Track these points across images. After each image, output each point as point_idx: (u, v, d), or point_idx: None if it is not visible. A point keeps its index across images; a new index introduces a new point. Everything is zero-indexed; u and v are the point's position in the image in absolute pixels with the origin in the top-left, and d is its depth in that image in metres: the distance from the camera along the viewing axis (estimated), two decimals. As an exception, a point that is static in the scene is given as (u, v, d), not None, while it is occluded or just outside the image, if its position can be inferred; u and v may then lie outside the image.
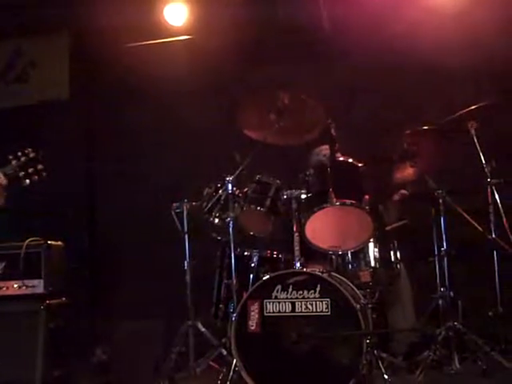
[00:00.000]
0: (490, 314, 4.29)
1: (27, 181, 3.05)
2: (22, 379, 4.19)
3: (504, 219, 4.18)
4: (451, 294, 4.38)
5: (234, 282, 4.37)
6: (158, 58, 5.84)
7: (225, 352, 4.37)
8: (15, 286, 4.41)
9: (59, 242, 4.59)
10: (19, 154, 3.06)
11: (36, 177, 3.08)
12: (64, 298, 4.53)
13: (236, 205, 4.46)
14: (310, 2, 5.50)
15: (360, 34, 5.28)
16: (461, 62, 5.14)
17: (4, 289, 4.40)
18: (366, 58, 5.30)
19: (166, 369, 4.38)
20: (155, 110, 5.84)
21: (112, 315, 5.55)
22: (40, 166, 3.05)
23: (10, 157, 3.09)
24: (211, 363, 4.47)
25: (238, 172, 4.48)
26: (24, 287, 4.40)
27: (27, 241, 4.40)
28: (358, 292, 4.21)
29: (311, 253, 4.39)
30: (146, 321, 5.15)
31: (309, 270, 4.09)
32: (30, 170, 3.02)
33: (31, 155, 3.05)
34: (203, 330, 4.53)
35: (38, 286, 4.40)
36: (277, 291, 3.97)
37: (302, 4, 5.53)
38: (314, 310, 3.91)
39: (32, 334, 4.29)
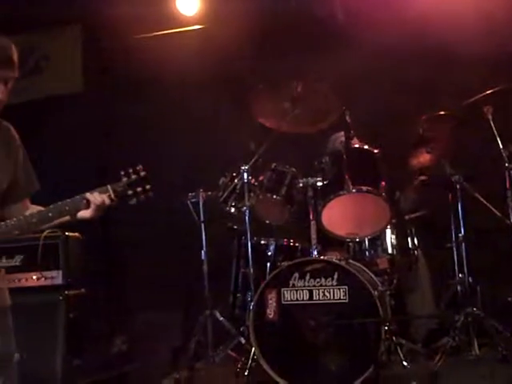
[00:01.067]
0: (510, 299, 4.26)
1: (134, 200, 3.05)
2: (43, 369, 4.21)
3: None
4: (470, 279, 4.37)
5: (251, 270, 4.38)
6: (170, 48, 5.82)
7: (243, 341, 4.38)
8: (34, 277, 4.43)
9: (77, 234, 4.61)
10: (130, 171, 3.06)
11: (143, 196, 3.08)
12: (83, 289, 4.56)
13: (252, 194, 4.46)
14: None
15: (373, 22, 5.23)
16: (476, 46, 5.06)
17: (23, 280, 4.43)
18: (380, 45, 5.25)
19: (185, 358, 4.40)
20: (169, 101, 5.82)
21: (130, 306, 5.59)
22: (148, 186, 3.05)
23: (122, 173, 3.10)
24: (230, 352, 4.48)
25: (253, 161, 4.48)
26: (43, 278, 4.43)
27: (45, 232, 4.42)
28: (375, 279, 4.21)
29: (328, 240, 4.39)
30: (164, 311, 5.19)
31: (326, 258, 4.09)
32: (139, 189, 3.03)
33: (142, 174, 3.05)
34: (221, 319, 4.55)
35: (56, 277, 4.43)
36: (294, 279, 3.98)
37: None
38: (332, 297, 3.91)
39: (52, 324, 4.32)
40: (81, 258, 4.63)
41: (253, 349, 4.02)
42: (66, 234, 4.49)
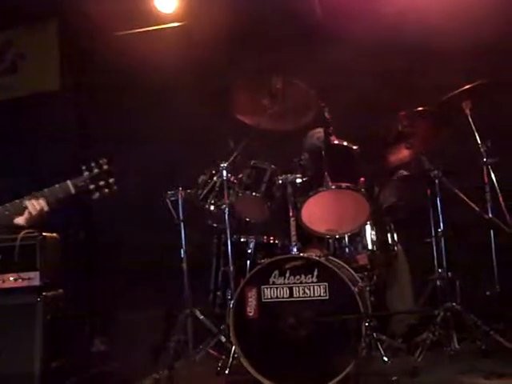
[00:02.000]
0: (488, 293, 4.28)
1: (97, 194, 2.98)
2: (20, 371, 4.17)
3: (500, 199, 4.16)
4: (449, 274, 4.38)
5: (231, 268, 4.37)
6: (149, 45, 5.78)
7: (224, 339, 4.36)
8: (11, 278, 4.38)
9: (54, 234, 4.56)
10: (93, 164, 2.98)
11: (106, 190, 3.01)
12: (61, 290, 4.51)
13: (231, 191, 4.44)
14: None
15: (352, 17, 5.25)
16: (455, 41, 5.09)
17: (0, 282, 4.38)
18: (359, 41, 5.25)
19: (166, 357, 4.37)
20: (147, 98, 5.79)
21: (110, 306, 5.55)
22: (112, 180, 2.98)
23: (83, 167, 3.02)
24: (210, 350, 4.46)
25: (232, 158, 4.46)
26: (20, 280, 4.38)
27: (22, 233, 4.37)
28: (355, 275, 4.21)
29: (308, 237, 4.38)
30: (143, 310, 5.16)
31: (306, 255, 4.07)
32: (101, 183, 2.95)
33: (105, 167, 2.98)
34: (201, 317, 4.52)
35: (34, 278, 4.38)
36: (274, 277, 3.96)
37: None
38: (312, 294, 3.90)
39: (29, 326, 4.27)
40: (59, 258, 4.59)
41: (233, 347, 4.01)
42: (44, 234, 4.44)
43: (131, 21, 5.87)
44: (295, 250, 4.13)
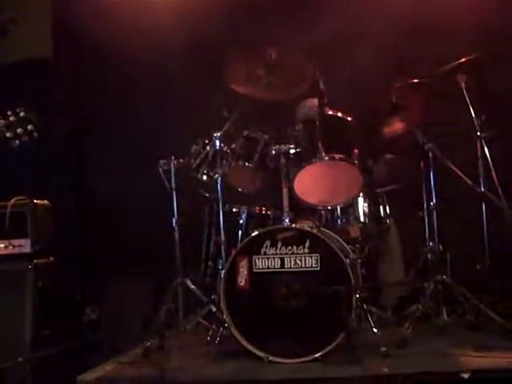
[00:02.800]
0: (478, 267, 4.30)
1: (16, 141, 2.93)
2: (11, 338, 4.18)
3: (493, 172, 4.16)
4: (440, 247, 4.39)
5: (223, 238, 4.36)
6: (142, 12, 5.69)
7: (214, 309, 4.37)
8: (2, 245, 4.38)
9: (45, 201, 4.54)
10: (9, 113, 2.94)
11: (26, 137, 2.96)
12: (52, 258, 4.51)
13: (224, 161, 4.43)
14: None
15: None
16: (449, 14, 5.06)
17: (-10, 249, 4.37)
18: (354, 13, 5.21)
19: (156, 326, 4.37)
20: (141, 66, 5.72)
21: (101, 274, 5.54)
22: (30, 127, 2.93)
23: None
24: (201, 320, 4.47)
25: (225, 128, 4.43)
26: (11, 247, 4.37)
27: (13, 200, 4.35)
28: (347, 247, 4.22)
29: (300, 208, 4.37)
30: (135, 279, 5.16)
31: (297, 226, 4.07)
32: (19, 131, 2.90)
33: (21, 114, 2.93)
34: (192, 287, 4.51)
35: (24, 245, 4.37)
36: (266, 247, 3.96)
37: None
38: (304, 265, 3.91)
39: (20, 293, 4.28)
40: (50, 226, 4.58)
41: (224, 317, 4.01)
42: (35, 201, 4.42)
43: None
44: (287, 220, 4.12)
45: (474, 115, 4.28)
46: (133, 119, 5.69)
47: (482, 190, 4.20)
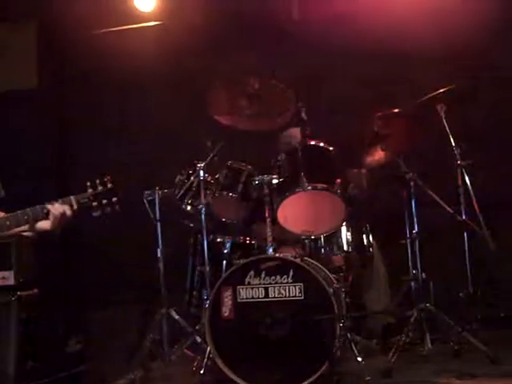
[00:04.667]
0: (461, 294, 4.33)
1: (99, 212, 2.97)
2: (-5, 371, 4.14)
3: (474, 201, 4.21)
4: (423, 275, 4.41)
5: (207, 268, 4.37)
6: (128, 44, 5.76)
7: (199, 339, 4.36)
8: (-15, 278, 4.35)
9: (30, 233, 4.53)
10: (97, 181, 2.97)
11: (109, 209, 3.00)
12: (36, 289, 4.48)
13: (208, 191, 4.46)
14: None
15: (329, 20, 5.28)
16: (430, 46, 5.17)
17: (-25, 281, 4.35)
18: (336, 43, 5.30)
19: (141, 357, 4.36)
20: (126, 97, 5.78)
21: (86, 305, 5.53)
22: (115, 199, 2.96)
23: (88, 183, 3.00)
24: (186, 351, 4.46)
25: (209, 158, 4.47)
26: (-6, 279, 4.34)
27: (-3, 232, 4.33)
28: (331, 276, 4.22)
29: (284, 237, 4.40)
30: (119, 310, 5.14)
31: (281, 255, 4.09)
32: (104, 202, 2.94)
33: (109, 185, 2.97)
34: (177, 317, 4.52)
35: (8, 277, 4.34)
36: (250, 277, 3.97)
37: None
38: (288, 294, 3.92)
39: (4, 325, 4.24)
40: (34, 257, 4.55)
41: (208, 347, 4.01)
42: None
43: (110, 19, 5.83)
44: (271, 250, 4.14)
45: (453, 144, 4.34)
46: (118, 150, 5.72)
47: (463, 218, 4.24)
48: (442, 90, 4.33)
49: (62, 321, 5.15)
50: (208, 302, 4.04)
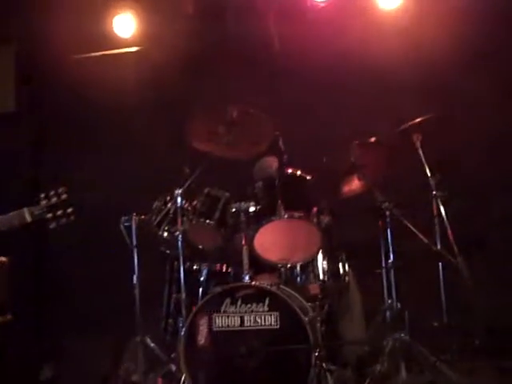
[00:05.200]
0: (436, 324, 4.35)
1: (54, 224, 2.94)
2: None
3: (449, 231, 4.25)
4: (398, 305, 4.43)
5: (183, 296, 4.35)
6: (107, 69, 5.77)
7: (174, 367, 4.33)
8: (-43, 303, 4.29)
9: (3, 258, 4.49)
10: (52, 193, 2.95)
11: (64, 220, 2.97)
12: (9, 316, 4.43)
13: (185, 218, 4.45)
14: (259, 18, 5.53)
15: (308, 50, 5.34)
16: (407, 76, 5.24)
17: None
18: (315, 73, 5.36)
19: (115, 385, 4.32)
20: (104, 122, 5.77)
21: (59, 331, 5.46)
22: (70, 210, 2.94)
23: (42, 195, 2.97)
24: (160, 379, 4.41)
25: (186, 185, 4.47)
26: (-34, 305, 4.29)
27: (-30, 257, 4.29)
28: (306, 305, 4.22)
29: (260, 265, 4.40)
30: (93, 337, 5.09)
31: (257, 284, 4.09)
32: (59, 213, 2.91)
33: (63, 197, 2.95)
34: (152, 345, 4.48)
35: (-19, 303, 4.30)
36: (226, 305, 3.96)
37: (251, 20, 5.56)
38: (263, 323, 3.91)
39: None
40: (7, 283, 4.51)
41: (183, 376, 3.97)
42: (-8, 258, 4.37)
43: (89, 44, 5.84)
44: (247, 278, 4.14)
45: (429, 174, 4.39)
46: (95, 175, 5.69)
47: (438, 248, 4.28)
48: (417, 120, 4.40)
49: (35, 347, 5.10)
50: (183, 329, 4.01)
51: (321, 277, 4.44)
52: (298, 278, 4.42)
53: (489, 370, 4.28)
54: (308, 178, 4.38)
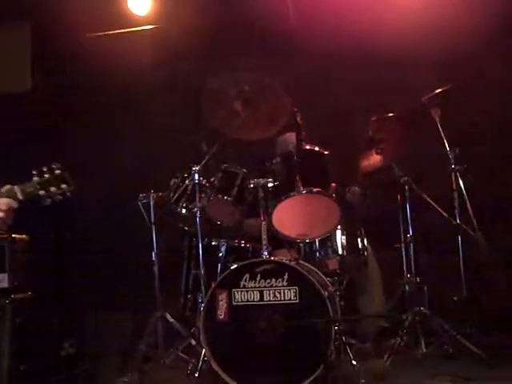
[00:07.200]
0: (455, 298, 4.35)
1: (48, 200, 2.86)
2: (-12, 375, 4.13)
3: (468, 204, 4.23)
4: (417, 279, 4.43)
5: (202, 272, 4.37)
6: (122, 47, 5.75)
7: (194, 342, 4.36)
8: (-21, 280, 4.33)
9: (24, 236, 4.52)
10: (44, 169, 2.87)
11: (59, 196, 2.89)
12: (30, 292, 4.47)
13: (203, 195, 4.45)
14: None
15: (324, 24, 5.30)
16: (425, 50, 5.18)
17: (-32, 284, 4.33)
18: (331, 47, 5.31)
19: (136, 360, 4.35)
20: (119, 100, 5.76)
21: (80, 308, 5.51)
22: (64, 186, 2.86)
23: (34, 172, 2.90)
24: (180, 354, 4.45)
25: (204, 162, 4.47)
26: (-12, 282, 4.33)
27: (-10, 235, 4.32)
28: (325, 279, 4.24)
29: (279, 241, 4.40)
30: (114, 313, 5.13)
31: (276, 259, 4.10)
32: (53, 189, 2.84)
33: (56, 172, 2.86)
34: (172, 320, 4.52)
35: (2, 280, 4.33)
36: (245, 280, 3.97)
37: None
38: (282, 298, 3.92)
39: (-2, 328, 4.23)
40: (28, 260, 4.54)
41: (203, 350, 4.01)
42: (13, 236, 4.40)
43: (104, 23, 5.83)
44: (266, 253, 4.14)
45: (448, 148, 4.36)
46: (112, 153, 5.71)
47: (458, 221, 4.26)
48: (436, 92, 4.36)
49: (55, 324, 5.15)
50: (203, 305, 4.04)
51: (339, 252, 4.43)
52: (317, 253, 4.41)
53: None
54: (326, 153, 4.36)
